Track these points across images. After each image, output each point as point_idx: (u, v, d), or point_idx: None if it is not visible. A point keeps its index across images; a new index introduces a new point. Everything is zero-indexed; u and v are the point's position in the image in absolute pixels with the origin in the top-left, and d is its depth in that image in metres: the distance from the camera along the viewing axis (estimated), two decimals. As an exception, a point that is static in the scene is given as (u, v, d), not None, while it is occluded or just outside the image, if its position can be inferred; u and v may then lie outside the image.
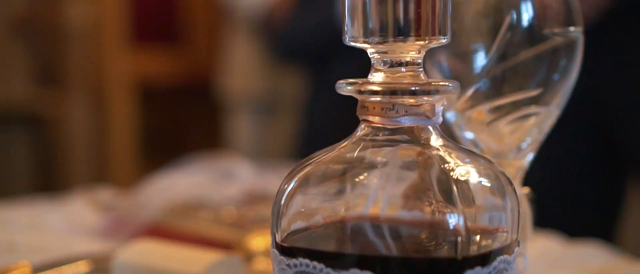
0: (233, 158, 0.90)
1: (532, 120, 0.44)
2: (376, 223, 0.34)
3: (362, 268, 0.32)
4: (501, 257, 0.34)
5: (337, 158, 0.35)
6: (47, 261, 0.58)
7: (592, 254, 0.67)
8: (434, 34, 0.34)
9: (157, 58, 2.39)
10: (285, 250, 0.34)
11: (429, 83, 0.35)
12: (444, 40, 0.35)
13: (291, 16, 1.44)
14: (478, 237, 0.33)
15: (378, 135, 0.35)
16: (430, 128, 0.35)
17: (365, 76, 0.36)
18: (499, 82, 0.43)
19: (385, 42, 0.34)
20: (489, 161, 0.36)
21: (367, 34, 0.35)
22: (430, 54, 0.44)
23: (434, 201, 0.33)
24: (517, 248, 0.35)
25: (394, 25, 0.34)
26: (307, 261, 0.33)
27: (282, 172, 0.38)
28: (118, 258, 0.55)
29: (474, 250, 0.33)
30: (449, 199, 0.33)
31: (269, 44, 1.57)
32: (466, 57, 0.43)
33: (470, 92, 0.43)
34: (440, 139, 0.35)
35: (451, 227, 0.33)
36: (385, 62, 0.35)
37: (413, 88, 0.34)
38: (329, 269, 0.33)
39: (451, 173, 0.34)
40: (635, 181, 1.10)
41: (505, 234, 0.34)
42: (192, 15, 2.47)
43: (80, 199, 0.83)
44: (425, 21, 0.34)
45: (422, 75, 0.35)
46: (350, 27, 0.35)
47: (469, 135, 0.45)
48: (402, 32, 0.34)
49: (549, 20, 0.43)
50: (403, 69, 0.35)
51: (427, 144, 0.35)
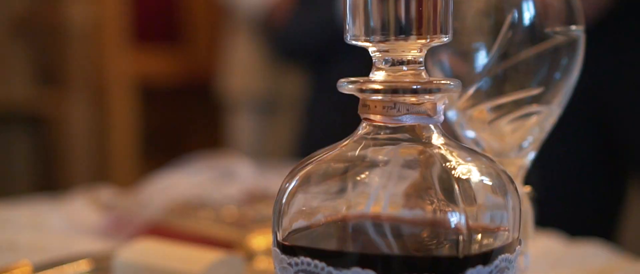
0: (234, 157, 0.90)
1: (533, 119, 0.44)
2: (377, 221, 0.34)
3: (363, 266, 0.32)
4: (503, 256, 0.34)
5: (338, 157, 0.35)
6: (48, 260, 0.58)
7: (593, 254, 0.67)
8: (435, 33, 0.34)
9: (158, 58, 2.39)
10: (287, 249, 0.34)
11: (431, 82, 0.35)
12: (445, 39, 0.35)
13: (291, 16, 1.43)
14: (479, 236, 0.33)
15: (379, 134, 0.35)
16: (432, 127, 0.35)
17: (366, 75, 0.36)
18: (501, 80, 0.43)
19: (386, 40, 0.34)
20: (491, 160, 0.36)
21: (368, 32, 0.34)
22: (431, 52, 0.44)
23: (435, 200, 0.33)
24: (519, 246, 0.35)
25: (396, 23, 0.34)
26: (308, 259, 0.33)
27: (283, 172, 0.38)
28: (119, 257, 0.55)
29: (475, 249, 0.33)
30: (450, 197, 0.33)
31: (270, 44, 1.57)
32: (468, 56, 0.43)
33: (471, 90, 0.43)
34: (442, 138, 0.35)
35: (453, 225, 0.33)
36: (386, 61, 0.35)
37: (414, 87, 0.34)
38: (331, 268, 0.33)
39: (452, 172, 0.34)
40: (636, 180, 1.10)
41: (506, 232, 0.34)
42: (192, 15, 2.47)
43: (80, 199, 0.83)
44: (427, 20, 0.34)
45: (423, 73, 0.35)
46: (351, 25, 0.35)
47: (471, 134, 0.45)
48: (403, 31, 0.34)
49: (550, 19, 0.43)
50: (404, 68, 0.35)
51: (428, 143, 0.35)
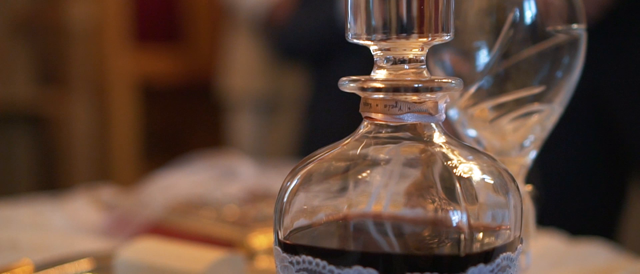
0: (235, 157, 0.90)
1: (535, 117, 0.44)
2: (379, 220, 0.34)
3: (364, 265, 0.32)
4: (504, 254, 0.33)
5: (339, 155, 0.35)
6: (49, 259, 0.58)
7: (595, 253, 0.66)
8: (436, 32, 0.34)
9: (159, 57, 2.40)
10: (288, 247, 0.34)
11: (432, 80, 0.35)
12: (446, 38, 0.35)
13: (292, 15, 1.44)
14: (481, 234, 0.33)
15: (381, 132, 0.35)
16: (433, 125, 0.35)
17: (368, 74, 0.36)
18: (502, 79, 0.43)
19: (388, 39, 0.34)
20: (492, 159, 0.36)
21: (370, 31, 0.34)
22: (433, 51, 0.44)
23: (436, 198, 0.33)
24: (520, 245, 0.35)
25: (397, 22, 0.34)
26: (309, 258, 0.33)
27: (284, 171, 0.37)
28: (120, 256, 0.55)
29: (476, 247, 0.33)
30: (451, 196, 0.33)
31: (270, 43, 1.57)
32: (469, 55, 0.43)
33: (473, 89, 0.43)
34: (443, 137, 0.35)
35: (454, 224, 0.33)
36: (388, 60, 0.35)
37: (416, 85, 0.34)
38: (332, 267, 0.33)
39: (454, 170, 0.33)
40: (637, 179, 1.09)
41: (508, 231, 0.34)
42: (193, 14, 2.47)
43: (82, 198, 0.83)
44: (428, 18, 0.34)
45: (425, 72, 0.35)
46: (353, 24, 0.35)
47: (472, 132, 0.45)
48: (405, 30, 0.34)
49: (552, 17, 0.43)
50: (406, 66, 0.35)
51: (429, 142, 0.35)
